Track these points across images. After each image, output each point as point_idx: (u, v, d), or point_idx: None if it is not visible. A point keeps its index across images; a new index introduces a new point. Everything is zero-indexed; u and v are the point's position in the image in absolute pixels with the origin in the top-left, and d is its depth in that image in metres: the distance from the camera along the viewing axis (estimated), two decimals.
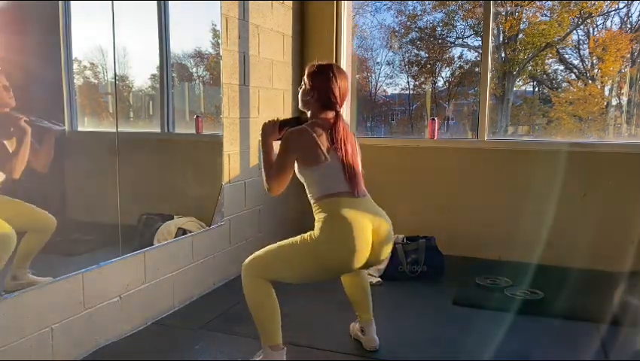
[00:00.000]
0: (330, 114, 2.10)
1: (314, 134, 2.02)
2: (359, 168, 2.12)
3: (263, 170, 2.13)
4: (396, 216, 3.83)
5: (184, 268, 2.84)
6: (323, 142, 2.02)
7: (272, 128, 2.15)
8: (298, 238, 2.02)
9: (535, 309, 2.75)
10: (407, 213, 3.85)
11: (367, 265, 2.09)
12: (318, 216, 2.02)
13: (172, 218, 2.85)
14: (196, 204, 3.08)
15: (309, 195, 2.10)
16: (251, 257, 2.10)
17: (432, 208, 3.82)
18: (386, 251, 2.10)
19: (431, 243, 3.37)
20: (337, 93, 2.08)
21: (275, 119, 2.16)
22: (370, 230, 1.99)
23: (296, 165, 2.07)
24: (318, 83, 2.08)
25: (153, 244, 2.64)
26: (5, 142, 1.88)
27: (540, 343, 2.39)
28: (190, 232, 2.89)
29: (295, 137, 2.04)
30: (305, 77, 2.14)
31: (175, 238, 2.78)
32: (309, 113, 2.15)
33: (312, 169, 2.03)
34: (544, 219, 3.54)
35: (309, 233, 2.00)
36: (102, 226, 2.45)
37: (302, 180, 2.10)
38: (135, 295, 2.50)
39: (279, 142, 2.10)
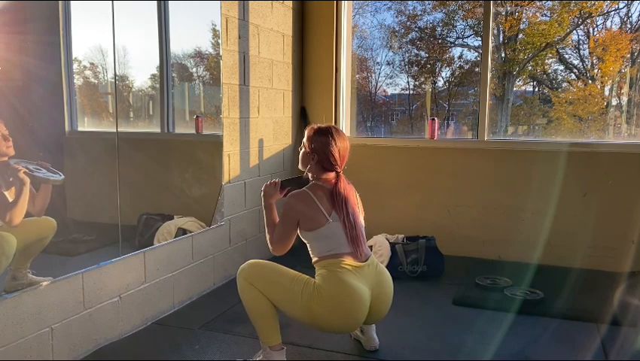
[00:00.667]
0: (331, 175, 2.13)
1: (314, 198, 2.05)
2: (361, 227, 2.15)
3: (266, 231, 2.17)
4: (396, 216, 3.85)
5: (184, 268, 2.84)
6: (324, 204, 2.06)
7: (273, 190, 2.18)
8: (303, 279, 2.04)
9: (535, 309, 2.75)
10: (407, 213, 3.85)
11: (365, 323, 2.17)
12: (319, 273, 2.05)
13: (172, 218, 2.85)
14: (196, 204, 3.08)
15: (311, 254, 2.13)
16: (248, 265, 2.12)
17: (432, 208, 3.82)
18: (385, 312, 2.17)
19: (431, 243, 3.38)
20: (337, 155, 2.11)
21: (277, 180, 2.20)
22: (368, 297, 2.03)
23: (299, 227, 2.10)
24: (318, 146, 2.10)
25: (153, 244, 2.64)
26: (4, 191, 1.91)
27: (540, 343, 2.39)
28: (190, 232, 2.89)
29: (296, 202, 2.08)
30: (305, 139, 2.16)
31: (175, 238, 2.78)
32: (309, 175, 2.18)
33: (314, 232, 2.06)
34: (544, 219, 3.54)
35: (313, 282, 2.02)
36: (102, 226, 2.45)
37: (304, 240, 2.13)
38: (135, 295, 2.50)
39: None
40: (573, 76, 4.19)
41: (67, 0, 2.20)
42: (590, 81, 4.10)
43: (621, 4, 3.84)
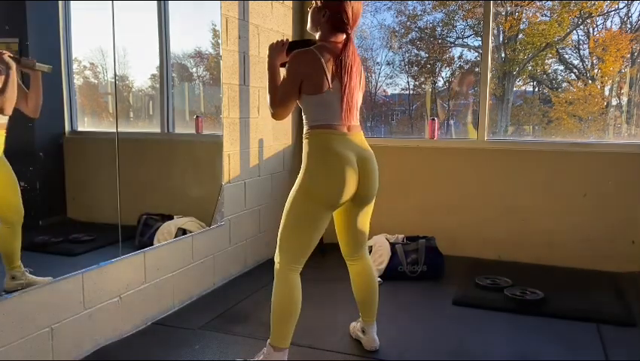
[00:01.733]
0: (341, 37, 2.00)
1: (321, 59, 1.95)
2: (357, 101, 2.07)
3: (268, 92, 2.06)
4: (396, 216, 3.85)
5: (184, 268, 2.84)
6: (329, 68, 1.95)
7: (279, 49, 2.04)
8: (294, 187, 2.03)
9: (535, 309, 2.75)
10: (407, 213, 3.85)
11: (360, 200, 2.12)
12: (305, 146, 2.02)
13: (172, 218, 2.85)
14: (196, 204, 3.08)
15: (303, 118, 2.06)
16: (279, 245, 2.07)
17: (432, 208, 3.82)
18: (373, 185, 2.14)
19: (431, 243, 3.38)
20: (350, 14, 1.97)
21: (285, 39, 2.07)
22: (355, 164, 2.01)
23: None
24: (331, 2, 1.97)
25: (153, 244, 2.64)
26: None
27: (540, 343, 2.39)
28: (190, 232, 2.89)
29: (302, 60, 1.96)
30: None
31: (175, 238, 2.78)
32: (317, 35, 2.06)
33: (313, 97, 1.98)
34: (544, 219, 3.54)
35: (299, 175, 2.01)
36: (102, 226, 2.45)
37: (300, 105, 2.05)
38: (135, 295, 2.50)
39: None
40: (573, 76, 4.19)
41: (67, 0, 2.20)
42: (590, 81, 4.10)
43: (621, 4, 3.84)
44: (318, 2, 2.02)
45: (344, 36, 2.00)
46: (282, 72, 2.06)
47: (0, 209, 1.95)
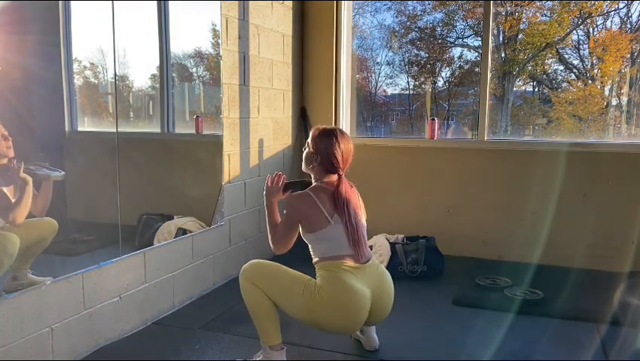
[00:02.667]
0: (334, 177, 2.14)
1: (316, 200, 2.06)
2: (363, 230, 2.15)
3: (268, 229, 2.18)
4: (396, 216, 3.85)
5: (184, 268, 2.84)
6: (326, 206, 2.06)
7: (276, 190, 2.18)
8: (304, 279, 2.05)
9: (535, 309, 2.75)
10: (407, 213, 3.85)
11: (366, 324, 2.18)
12: (320, 275, 2.06)
13: (172, 218, 2.85)
14: (196, 204, 3.08)
15: (312, 255, 2.14)
16: (250, 265, 2.13)
17: (432, 208, 3.82)
18: (386, 313, 2.17)
19: (431, 243, 3.38)
20: (340, 158, 2.11)
21: (280, 178, 2.20)
22: (369, 299, 2.04)
23: (300, 227, 2.11)
24: (322, 148, 2.12)
25: (153, 244, 2.64)
26: (6, 191, 1.92)
27: (540, 343, 2.39)
28: (190, 232, 2.89)
29: (298, 203, 2.09)
30: (309, 139, 2.17)
31: (175, 238, 2.78)
32: (312, 175, 2.19)
33: (316, 233, 2.07)
34: (544, 219, 3.54)
35: (314, 283, 2.03)
36: (102, 226, 2.45)
37: (306, 241, 2.14)
38: (135, 295, 2.50)
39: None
40: (573, 76, 4.19)
41: (67, 0, 2.20)
42: (590, 81, 4.10)
43: (621, 4, 3.84)
44: (311, 148, 2.14)
45: (337, 176, 2.13)
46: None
47: (33, 237, 2.04)
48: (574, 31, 4.05)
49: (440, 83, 4.55)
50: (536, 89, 4.33)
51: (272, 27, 3.64)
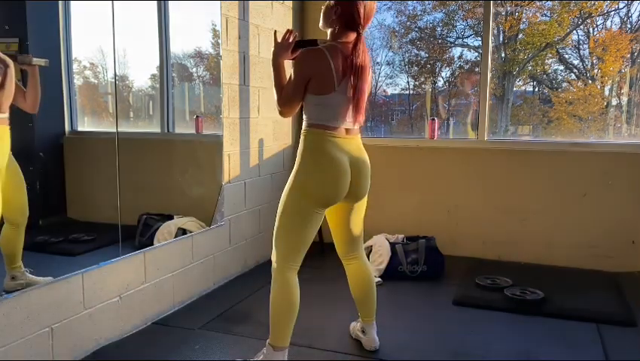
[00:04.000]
0: (352, 36, 1.98)
1: (330, 60, 1.92)
2: (364, 103, 2.04)
3: (274, 90, 2.06)
4: (396, 216, 3.85)
5: (184, 268, 2.84)
6: (338, 69, 1.93)
7: (285, 47, 2.04)
8: (287, 185, 2.04)
9: (535, 309, 2.75)
10: (407, 213, 3.85)
11: (352, 199, 2.12)
12: (301, 144, 2.02)
13: (172, 218, 2.85)
14: (196, 204, 3.08)
15: (304, 115, 2.05)
16: (275, 252, 2.08)
17: (432, 208, 3.82)
18: (364, 187, 2.12)
19: (431, 243, 3.38)
20: (362, 12, 1.95)
21: (291, 37, 2.05)
22: (347, 167, 2.00)
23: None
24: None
25: (153, 244, 2.64)
26: None
27: (540, 343, 2.39)
28: (190, 232, 2.89)
29: (311, 58, 1.95)
30: None
31: (175, 238, 2.78)
32: (328, 32, 2.04)
33: (318, 97, 1.97)
34: (544, 219, 3.54)
35: (292, 173, 2.02)
36: (102, 226, 2.45)
37: (305, 103, 2.04)
38: (135, 295, 2.50)
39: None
40: (573, 76, 4.19)
41: (67, 0, 2.20)
42: (590, 81, 4.10)
43: (621, 4, 3.84)
44: (332, 1, 2.01)
45: (355, 35, 1.98)
46: (288, 67, 2.05)
47: (7, 209, 1.94)
48: (574, 31, 4.05)
49: (440, 83, 4.54)
50: (536, 89, 4.33)
51: (272, 27, 3.63)
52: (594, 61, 4.06)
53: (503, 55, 4.22)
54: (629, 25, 3.93)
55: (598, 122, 3.97)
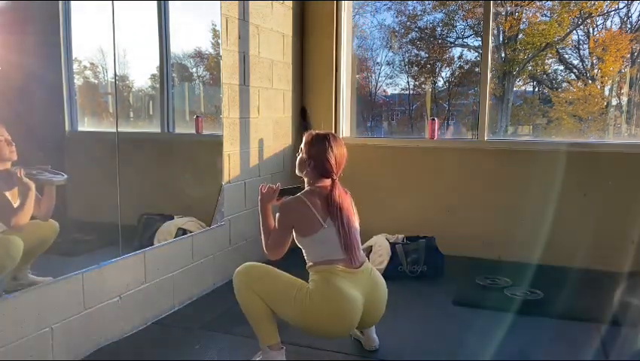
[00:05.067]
0: (327, 182, 2.13)
1: (309, 204, 2.06)
2: (356, 234, 2.15)
3: (262, 235, 2.21)
4: (396, 216, 3.85)
5: (184, 268, 2.84)
6: (319, 211, 2.07)
7: (271, 195, 2.21)
8: (297, 283, 2.06)
9: (535, 309, 2.75)
10: (407, 213, 3.85)
11: (363, 325, 2.17)
12: (312, 279, 2.06)
13: (172, 218, 2.85)
14: (196, 204, 3.08)
15: (305, 258, 2.14)
16: (244, 267, 2.14)
17: (432, 208, 3.82)
18: (378, 318, 2.19)
19: (431, 243, 3.38)
20: (333, 162, 2.12)
21: (274, 186, 2.22)
22: (361, 304, 2.04)
23: (294, 232, 2.11)
24: (315, 153, 2.12)
25: (153, 244, 2.64)
26: (9, 196, 1.92)
27: (540, 343, 2.39)
28: (190, 232, 2.89)
29: (291, 208, 2.11)
30: (302, 145, 2.18)
31: (175, 238, 2.78)
32: (305, 180, 2.20)
33: (309, 238, 2.08)
34: (544, 219, 3.54)
35: (306, 287, 2.03)
36: (102, 226, 2.45)
37: (299, 245, 2.15)
38: (135, 295, 2.50)
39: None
40: (573, 76, 4.19)
41: (67, 0, 2.20)
42: (590, 81, 4.10)
43: (621, 4, 3.84)
44: (304, 153, 2.15)
45: (330, 180, 2.13)
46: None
47: (35, 240, 2.05)
48: (574, 31, 4.05)
49: (440, 83, 4.55)
50: (536, 89, 4.33)
51: (272, 27, 3.64)
52: (594, 61, 4.06)
53: (503, 55, 4.22)
54: (629, 25, 3.93)
55: (598, 122, 3.97)
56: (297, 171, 2.22)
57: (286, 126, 3.92)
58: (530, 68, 4.23)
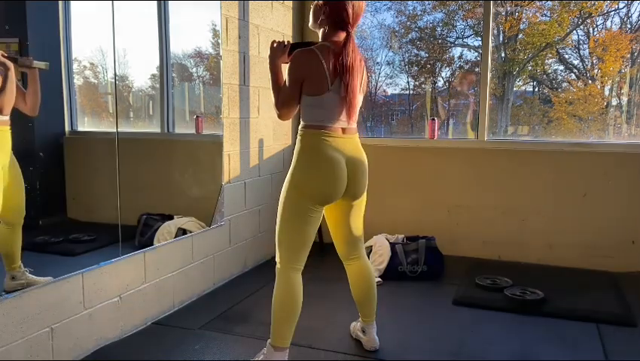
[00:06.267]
0: (342, 35, 2.00)
1: (322, 60, 1.94)
2: (358, 101, 2.06)
3: (272, 93, 2.08)
4: (396, 216, 3.85)
5: (184, 268, 2.84)
6: (330, 68, 1.95)
7: (281, 50, 2.06)
8: (284, 184, 2.07)
9: (535, 309, 2.75)
10: (407, 213, 3.85)
11: (349, 198, 2.13)
12: (297, 144, 2.06)
13: (172, 218, 2.85)
14: (196, 204, 3.08)
15: (301, 117, 2.07)
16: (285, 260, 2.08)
17: (432, 208, 3.82)
18: (361, 186, 2.14)
19: (431, 243, 3.38)
20: (350, 12, 1.97)
21: (286, 41, 2.09)
22: (344, 166, 2.02)
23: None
24: None
25: (153, 244, 2.64)
26: None
27: (540, 343, 2.39)
28: (190, 232, 2.89)
29: (303, 60, 1.97)
30: None
31: (175, 238, 2.78)
32: (319, 33, 2.06)
33: (312, 98, 1.99)
34: (544, 219, 3.54)
35: (289, 172, 2.06)
36: (102, 226, 2.45)
37: (301, 104, 2.06)
38: (135, 295, 2.50)
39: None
40: (573, 76, 4.19)
41: (67, 0, 2.20)
42: (590, 81, 4.10)
43: (621, 4, 3.84)
44: (320, 0, 2.03)
45: (345, 34, 1.99)
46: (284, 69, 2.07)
47: (4, 209, 1.94)
48: (574, 31, 4.05)
49: (440, 83, 4.54)
50: (536, 89, 4.33)
51: (272, 27, 3.64)
52: (594, 61, 4.06)
53: (503, 55, 4.22)
54: (629, 25, 3.93)
55: (598, 122, 3.97)
56: (310, 23, 2.09)
57: (286, 126, 3.92)
58: (530, 68, 4.23)
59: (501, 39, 4.22)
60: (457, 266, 3.48)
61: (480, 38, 3.99)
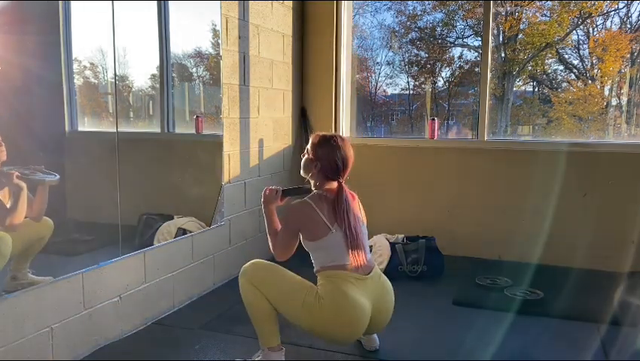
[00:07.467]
0: (334, 184, 2.11)
1: (316, 209, 2.04)
2: (364, 238, 2.13)
3: (268, 237, 2.18)
4: (396, 216, 3.85)
5: (184, 268, 2.84)
6: (326, 215, 2.04)
7: (273, 197, 2.18)
8: (306, 286, 2.04)
9: (535, 309, 2.75)
10: (407, 213, 3.85)
11: (369, 331, 2.17)
12: (322, 284, 2.04)
13: (172, 218, 2.85)
14: (196, 204, 3.08)
15: (313, 263, 2.13)
16: (251, 265, 2.12)
17: (432, 208, 3.82)
18: (384, 324, 2.17)
19: (431, 243, 3.38)
20: (340, 164, 2.09)
21: (277, 188, 2.19)
22: (369, 311, 2.03)
23: (301, 235, 2.09)
24: (322, 154, 2.09)
25: (153, 244, 2.64)
26: (0, 198, 1.90)
27: (540, 343, 2.39)
28: (190, 232, 2.89)
29: (297, 212, 2.08)
30: (309, 146, 2.15)
31: (175, 238, 2.78)
32: (312, 183, 2.17)
33: (316, 242, 2.05)
34: (544, 219, 3.54)
35: (315, 291, 2.01)
36: (102, 226, 2.45)
37: (306, 249, 2.13)
38: (135, 295, 2.50)
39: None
40: (573, 76, 4.19)
41: (67, 0, 2.20)
42: (590, 81, 4.10)
43: (621, 4, 3.84)
44: (310, 155, 2.12)
45: (337, 183, 2.10)
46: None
47: (28, 237, 2.04)
48: (574, 31, 4.05)
49: (440, 83, 4.54)
50: (536, 89, 4.33)
51: (272, 27, 3.64)
52: (594, 61, 4.06)
53: (503, 55, 4.22)
54: (629, 25, 3.93)
55: (598, 122, 3.97)
56: (302, 173, 2.19)
57: (286, 126, 3.92)
58: (530, 68, 4.23)
59: (500, 39, 4.22)
60: (457, 266, 3.48)
61: (479, 38, 3.99)
